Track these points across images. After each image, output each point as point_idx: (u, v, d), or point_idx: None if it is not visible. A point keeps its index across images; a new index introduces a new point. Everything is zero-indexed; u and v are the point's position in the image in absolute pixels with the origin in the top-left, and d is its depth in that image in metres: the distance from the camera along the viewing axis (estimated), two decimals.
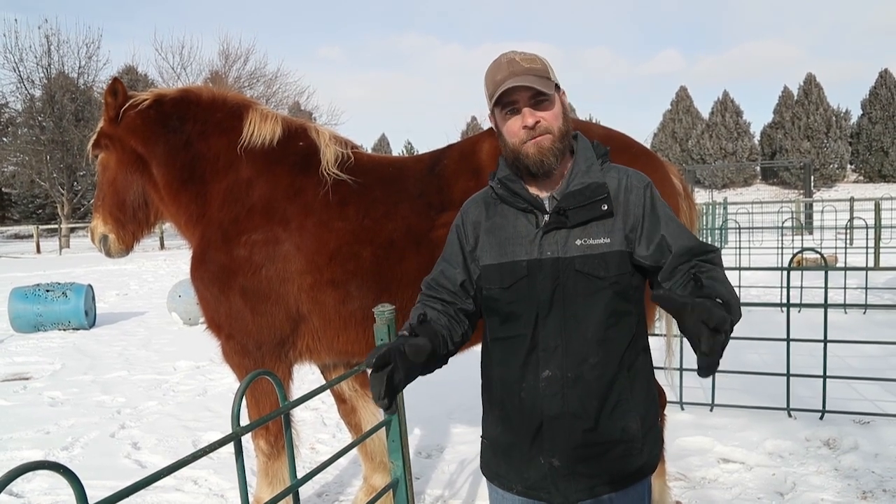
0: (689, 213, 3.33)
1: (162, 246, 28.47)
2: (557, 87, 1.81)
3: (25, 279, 14.73)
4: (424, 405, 5.41)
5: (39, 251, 28.60)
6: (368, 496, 3.64)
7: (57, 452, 4.91)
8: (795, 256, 5.82)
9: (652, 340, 2.25)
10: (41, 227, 32.27)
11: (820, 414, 4.77)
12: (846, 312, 8.24)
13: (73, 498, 4.25)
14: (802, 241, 13.75)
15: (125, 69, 34.85)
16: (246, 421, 2.92)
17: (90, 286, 10.38)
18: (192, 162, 3.29)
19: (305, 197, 3.14)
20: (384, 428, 2.47)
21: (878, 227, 12.10)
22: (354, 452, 4.22)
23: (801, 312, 7.56)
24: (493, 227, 1.86)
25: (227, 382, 6.67)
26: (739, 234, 12.05)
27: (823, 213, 16.83)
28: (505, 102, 1.77)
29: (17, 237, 40.70)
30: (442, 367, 1.83)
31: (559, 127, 1.78)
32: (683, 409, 5.00)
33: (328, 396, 5.83)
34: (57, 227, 31.91)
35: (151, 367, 7.54)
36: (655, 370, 2.06)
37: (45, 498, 4.11)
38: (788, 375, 4.88)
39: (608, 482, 1.80)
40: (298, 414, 5.49)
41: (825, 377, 4.79)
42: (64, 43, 34.12)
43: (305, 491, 4.01)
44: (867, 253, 10.88)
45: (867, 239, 11.08)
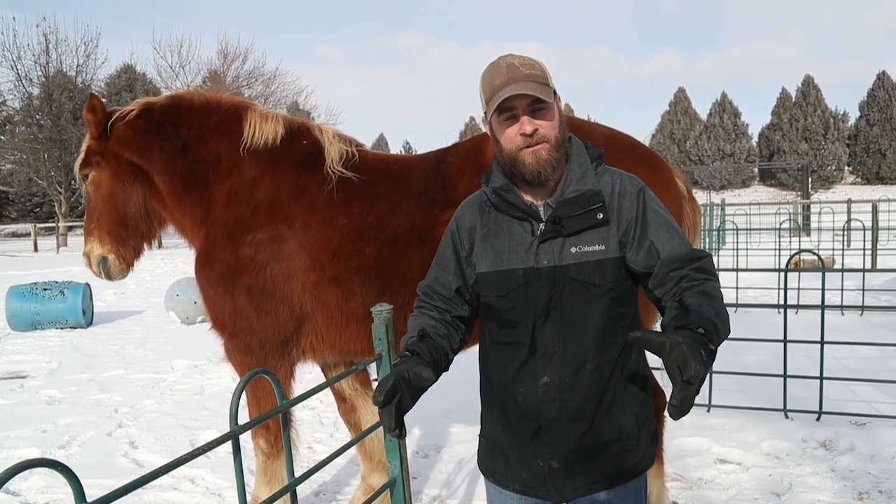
0: (692, 216, 3.31)
1: (160, 245, 28.42)
2: (554, 92, 1.80)
3: (23, 278, 14.72)
4: (421, 405, 5.38)
5: (37, 249, 28.55)
6: (366, 495, 3.64)
7: (54, 451, 4.90)
8: (793, 258, 5.83)
9: None
10: (38, 225, 32.21)
11: (816, 415, 4.78)
12: (843, 314, 8.26)
13: (69, 496, 4.22)
14: (800, 242, 13.78)
15: (123, 68, 34.82)
16: (244, 419, 2.92)
17: (87, 285, 10.37)
18: (192, 166, 3.28)
19: (310, 195, 3.14)
20: (382, 427, 2.47)
21: (875, 228, 12.12)
22: (352, 452, 4.22)
23: (798, 314, 7.57)
24: (488, 234, 1.86)
25: (224, 381, 6.67)
26: (737, 235, 12.06)
27: (821, 214, 16.86)
28: (503, 108, 1.75)
29: (14, 235, 40.64)
30: (444, 372, 1.85)
31: (556, 136, 1.76)
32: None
33: (325, 396, 5.83)
34: (54, 225, 31.85)
35: (149, 365, 7.53)
36: (654, 371, 2.07)
37: (41, 496, 4.11)
38: (785, 376, 4.89)
39: (605, 479, 1.81)
40: (296, 413, 5.49)
41: (822, 378, 4.80)
42: (62, 41, 34.12)
43: (303, 490, 4.01)
44: (864, 255, 10.90)
45: (864, 241, 11.10)
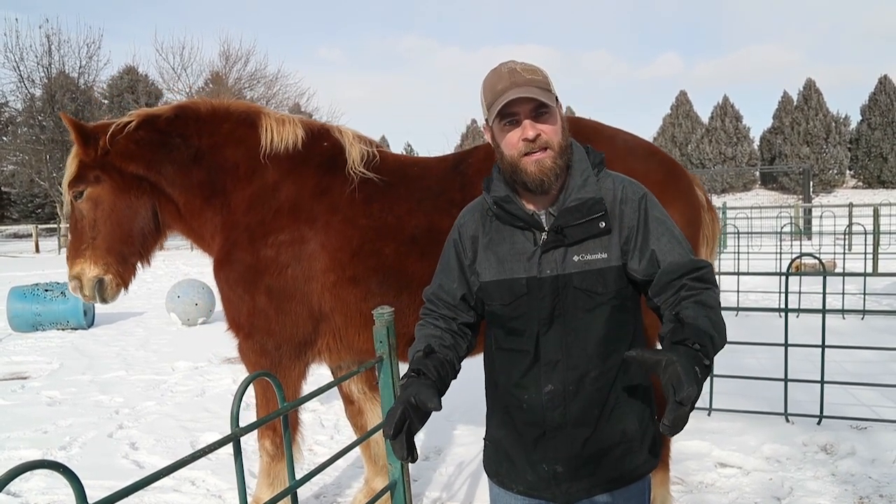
0: (711, 225, 3.25)
1: (161, 247, 28.43)
2: (557, 99, 1.78)
3: (24, 278, 14.74)
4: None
5: (38, 251, 28.58)
6: (367, 498, 3.64)
7: (55, 452, 4.91)
8: (794, 262, 5.82)
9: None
10: (40, 226, 32.26)
11: (817, 419, 4.77)
12: (844, 318, 8.25)
13: (70, 497, 4.21)
14: (801, 246, 13.74)
15: (125, 69, 34.88)
16: (246, 422, 2.92)
17: None
18: (209, 176, 3.27)
19: (332, 195, 3.15)
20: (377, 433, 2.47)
21: (876, 232, 12.11)
22: (353, 454, 4.22)
23: (799, 317, 7.56)
24: (490, 243, 1.85)
25: (225, 383, 6.67)
26: (738, 238, 12.05)
27: (822, 218, 16.84)
28: (505, 113, 1.73)
29: (16, 236, 40.68)
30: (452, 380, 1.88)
31: (559, 142, 1.74)
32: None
33: (326, 398, 5.84)
34: (56, 226, 31.88)
35: (150, 367, 7.53)
36: None
37: (42, 497, 4.11)
38: (786, 380, 4.88)
39: (609, 481, 1.82)
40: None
41: (823, 382, 4.80)
42: (65, 43, 34.10)
43: (303, 492, 4.01)
44: (866, 259, 10.89)
45: (866, 245, 11.09)
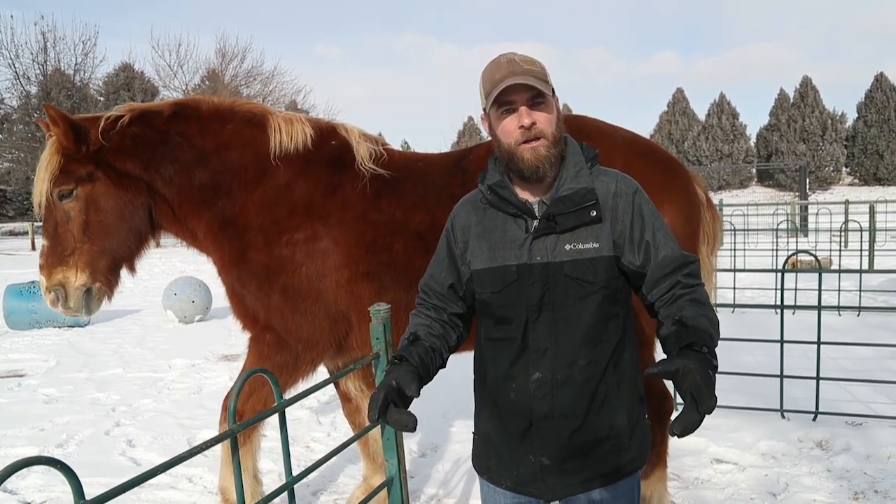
0: (711, 223, 3.27)
1: (157, 244, 28.38)
2: (553, 92, 1.83)
3: (20, 276, 14.69)
4: (418, 404, 5.39)
5: (34, 248, 28.51)
6: (365, 494, 3.64)
7: (51, 449, 4.90)
8: (790, 258, 5.84)
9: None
10: (36, 224, 32.15)
11: (813, 415, 4.79)
12: (840, 314, 8.27)
13: (66, 494, 4.21)
14: (797, 243, 13.79)
15: (121, 66, 34.76)
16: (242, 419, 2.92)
17: None
18: (214, 178, 3.19)
19: (343, 192, 3.16)
20: (381, 429, 2.48)
21: (872, 229, 12.14)
22: (350, 451, 4.22)
23: (795, 314, 7.58)
24: (483, 231, 1.88)
25: (222, 380, 6.67)
26: (734, 235, 12.07)
27: (818, 215, 16.86)
28: (502, 101, 1.78)
29: (11, 234, 40.55)
30: (441, 369, 1.91)
31: (553, 132, 1.79)
32: (677, 409, 5.02)
33: (322, 395, 5.84)
34: None
35: (146, 364, 7.53)
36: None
37: (39, 495, 4.10)
38: (782, 377, 4.90)
39: (597, 477, 1.83)
40: (293, 412, 5.50)
41: (818, 379, 4.81)
42: (60, 40, 33.95)
43: (300, 489, 4.01)
44: (861, 255, 10.93)
45: (861, 241, 11.12)
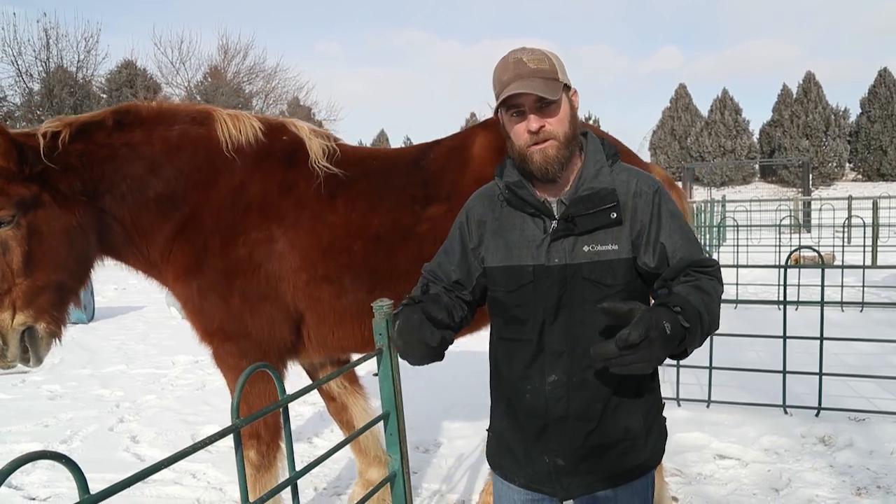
0: (679, 201, 3.30)
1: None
2: (567, 87, 1.77)
3: None
4: (422, 400, 5.43)
5: None
6: (365, 489, 3.65)
7: (56, 445, 4.92)
8: (793, 254, 5.82)
9: None
10: None
11: (816, 411, 4.79)
12: (843, 310, 8.27)
13: (71, 490, 4.19)
14: (800, 239, 13.75)
15: (124, 63, 34.66)
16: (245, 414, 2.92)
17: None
18: (168, 186, 2.99)
19: (298, 191, 3.06)
20: (379, 423, 2.48)
21: (875, 225, 12.11)
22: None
23: (798, 310, 7.58)
24: (499, 228, 1.84)
25: None
26: (737, 231, 12.07)
27: (821, 211, 16.85)
28: (510, 105, 1.73)
29: None
30: (449, 345, 1.78)
31: (565, 132, 1.73)
32: (680, 405, 5.02)
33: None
34: None
35: (150, 361, 7.55)
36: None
37: (44, 490, 4.12)
38: (785, 372, 4.89)
39: (611, 477, 1.81)
40: (296, 409, 5.51)
41: (821, 374, 4.81)
42: (63, 37, 33.86)
43: (303, 484, 4.02)
44: (864, 251, 10.90)
45: (865, 237, 11.10)
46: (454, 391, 5.53)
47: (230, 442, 3.93)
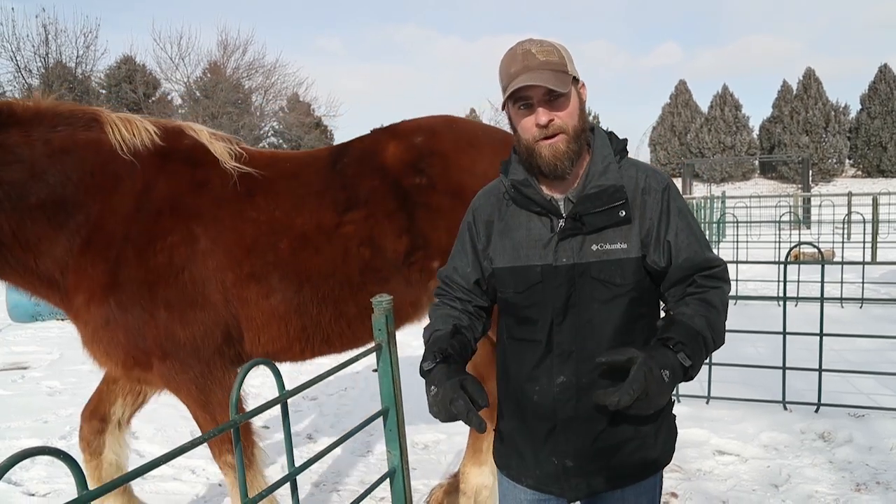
0: None
1: None
2: (576, 79, 1.73)
3: None
4: (421, 397, 5.41)
5: None
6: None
7: (55, 441, 4.92)
8: (793, 250, 5.82)
9: None
10: None
11: (815, 407, 4.79)
12: (843, 306, 8.27)
13: (70, 486, 4.20)
14: (800, 235, 13.75)
15: (123, 59, 34.61)
16: (245, 409, 2.91)
17: None
18: (54, 192, 2.77)
19: (212, 189, 2.95)
20: (375, 420, 2.48)
21: (875, 221, 12.11)
22: (353, 443, 4.23)
23: (797, 306, 7.58)
24: (506, 228, 1.81)
25: None
26: (737, 227, 12.06)
27: (821, 207, 16.87)
28: (518, 97, 1.68)
29: None
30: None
31: (574, 126, 1.70)
32: (680, 401, 5.02)
33: (327, 386, 5.85)
34: None
35: None
36: None
37: (43, 486, 4.12)
38: (784, 368, 4.90)
39: (620, 477, 1.79)
40: (298, 404, 5.51)
41: (821, 370, 4.81)
42: (61, 32, 33.72)
43: (303, 480, 4.02)
44: (864, 247, 10.91)
45: (864, 234, 11.10)
46: None
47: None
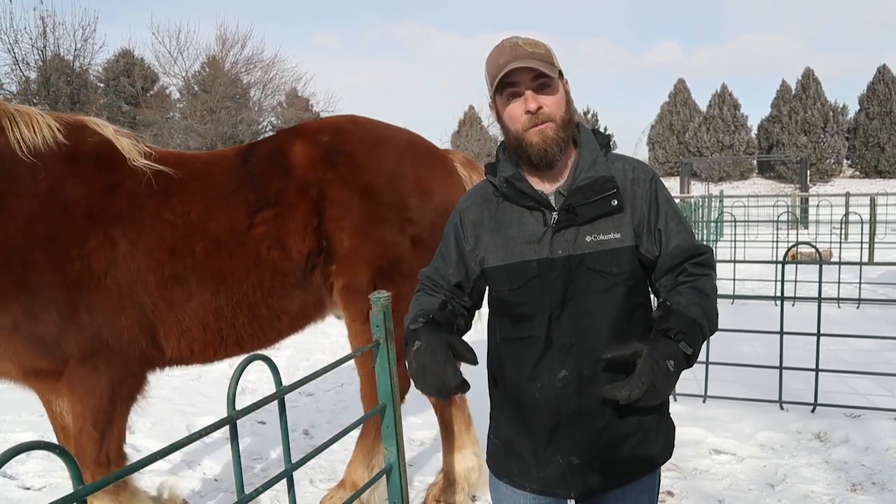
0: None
1: None
2: (561, 74, 1.77)
3: None
4: (418, 394, 5.41)
5: None
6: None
7: (51, 436, 4.90)
8: (790, 250, 5.83)
9: None
10: None
11: (812, 407, 4.80)
12: (840, 306, 8.28)
13: (66, 480, 4.19)
14: (798, 235, 13.75)
15: (121, 53, 34.51)
16: (240, 406, 2.90)
17: None
18: None
19: (127, 189, 2.87)
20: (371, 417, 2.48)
21: (872, 222, 12.13)
22: (350, 438, 4.21)
23: (794, 306, 7.59)
24: (497, 226, 1.81)
25: (222, 368, 6.65)
26: (735, 227, 12.07)
27: (819, 207, 16.88)
28: (507, 84, 1.71)
29: None
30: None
31: (562, 115, 1.73)
32: (676, 399, 5.02)
33: (324, 382, 5.84)
34: None
35: None
36: None
37: (38, 480, 4.12)
38: (781, 368, 4.90)
39: (623, 473, 1.79)
40: (294, 399, 5.50)
41: (817, 370, 4.82)
42: (59, 25, 33.63)
43: (299, 475, 4.02)
44: (862, 248, 10.92)
45: (862, 234, 11.12)
46: None
47: (226, 433, 3.92)
